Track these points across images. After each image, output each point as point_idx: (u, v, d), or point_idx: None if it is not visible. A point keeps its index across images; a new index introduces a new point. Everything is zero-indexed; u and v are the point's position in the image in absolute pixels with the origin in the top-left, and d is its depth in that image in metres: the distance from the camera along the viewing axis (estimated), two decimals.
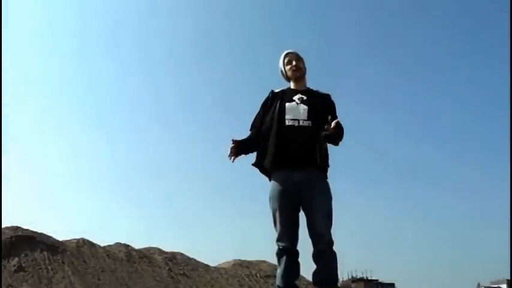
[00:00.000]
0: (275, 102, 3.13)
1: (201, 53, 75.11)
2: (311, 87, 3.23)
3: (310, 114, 3.02)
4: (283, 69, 3.25)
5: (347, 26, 79.99)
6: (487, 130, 76.06)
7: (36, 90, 59.07)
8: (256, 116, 3.23)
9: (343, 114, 3.16)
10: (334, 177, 3.07)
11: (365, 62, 77.52)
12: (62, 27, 64.19)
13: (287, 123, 3.02)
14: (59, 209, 47.25)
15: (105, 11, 67.36)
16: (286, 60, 3.22)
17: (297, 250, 3.05)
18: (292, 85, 3.22)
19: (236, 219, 54.71)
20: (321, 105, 3.07)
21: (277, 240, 3.02)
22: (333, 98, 3.19)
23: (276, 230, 3.02)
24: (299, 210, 3.01)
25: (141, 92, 67.75)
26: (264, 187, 3.14)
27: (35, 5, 60.44)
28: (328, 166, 3.05)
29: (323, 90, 3.24)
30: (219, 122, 66.60)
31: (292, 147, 2.98)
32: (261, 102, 3.24)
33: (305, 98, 3.10)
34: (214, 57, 75.95)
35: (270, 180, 3.09)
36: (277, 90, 3.23)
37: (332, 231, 2.95)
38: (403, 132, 76.62)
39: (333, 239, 2.94)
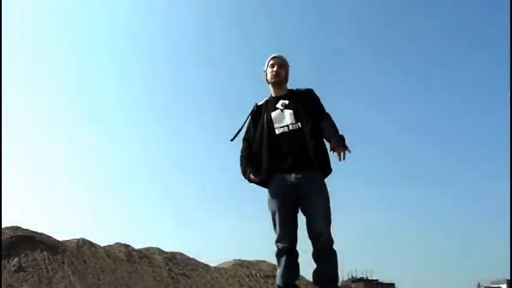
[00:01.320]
0: (262, 114, 3.18)
1: (201, 52, 75.17)
2: (291, 88, 3.26)
3: (297, 117, 3.06)
4: (265, 71, 3.28)
5: (348, 26, 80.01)
6: (487, 130, 76.13)
7: (36, 90, 59.12)
8: (247, 128, 3.24)
9: (343, 115, 3.19)
10: (335, 177, 3.09)
11: (363, 62, 77.59)
12: (62, 27, 64.24)
13: (277, 131, 3.06)
14: (59, 209, 47.24)
15: (105, 10, 67.42)
16: (270, 63, 3.25)
17: (296, 250, 3.07)
18: (272, 92, 3.26)
19: (236, 219, 54.73)
20: (304, 105, 3.10)
21: (277, 241, 3.04)
22: (316, 92, 3.20)
23: (275, 231, 3.04)
24: (297, 211, 3.04)
25: (141, 92, 67.82)
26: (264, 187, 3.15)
27: (35, 5, 60.49)
28: (326, 165, 3.04)
29: (321, 87, 3.26)
30: (219, 122, 66.65)
31: (287, 152, 3.01)
32: (247, 115, 3.25)
33: (287, 102, 3.13)
34: (215, 57, 75.99)
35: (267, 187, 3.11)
36: (260, 103, 3.27)
37: (332, 230, 2.97)
38: (404, 132, 76.67)
39: (333, 237, 2.96)
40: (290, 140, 3.02)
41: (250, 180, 3.09)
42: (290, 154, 3.01)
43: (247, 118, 3.25)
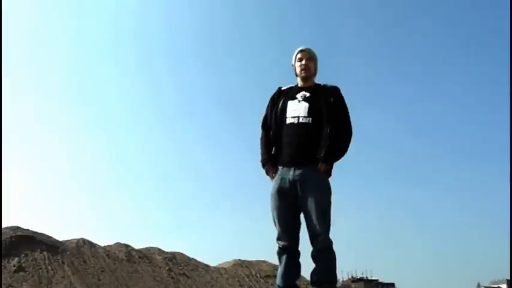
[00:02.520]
0: (280, 99, 3.14)
1: (201, 53, 75.10)
2: (319, 82, 3.21)
3: (311, 111, 3.01)
4: (294, 64, 3.23)
5: (349, 26, 79.94)
6: (487, 130, 76.05)
7: (36, 90, 59.06)
8: (266, 113, 3.21)
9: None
10: (334, 177, 3.05)
11: (365, 61, 77.54)
12: (62, 27, 64.17)
13: (288, 121, 3.03)
14: (59, 209, 47.23)
15: (105, 10, 67.35)
16: (298, 57, 3.20)
17: (298, 250, 3.04)
18: (299, 83, 3.22)
19: (236, 219, 54.69)
20: (325, 101, 3.03)
21: (277, 239, 3.02)
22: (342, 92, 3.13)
23: (276, 229, 3.01)
24: (299, 210, 2.99)
25: (142, 92, 67.79)
26: (264, 187, 3.15)
27: (34, 5, 60.43)
28: (335, 156, 2.99)
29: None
30: (219, 122, 66.67)
31: (291, 144, 2.99)
32: (269, 98, 3.22)
33: (308, 95, 3.09)
34: (215, 57, 75.96)
35: (267, 173, 3.09)
36: (284, 88, 3.22)
37: (331, 230, 2.93)
38: (404, 131, 76.60)
39: (332, 238, 2.92)
40: (296, 132, 2.99)
41: (268, 174, 3.09)
42: (292, 147, 2.98)
43: (269, 102, 3.22)
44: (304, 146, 2.96)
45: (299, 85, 3.20)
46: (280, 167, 3.02)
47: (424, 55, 78.19)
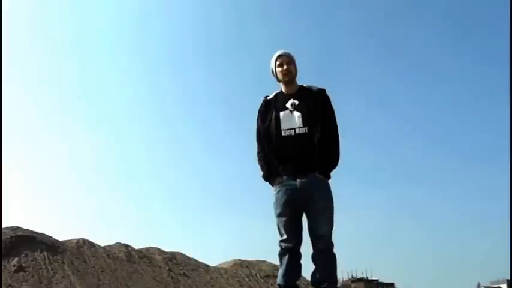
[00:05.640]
0: (270, 110, 3.13)
1: (202, 52, 75.15)
2: (303, 84, 3.20)
3: (305, 120, 3.02)
4: (274, 70, 3.22)
5: (348, 26, 79.99)
6: (487, 130, 76.11)
7: (36, 90, 59.10)
8: (258, 127, 3.20)
9: (342, 115, 3.18)
10: (335, 177, 3.10)
11: (365, 62, 77.57)
12: (63, 27, 64.21)
13: (284, 133, 3.03)
14: (59, 209, 47.31)
15: (106, 10, 67.39)
16: (277, 63, 3.17)
17: (300, 252, 3.09)
18: (283, 88, 3.20)
19: (236, 219, 54.75)
20: (315, 106, 3.05)
21: (281, 242, 3.06)
22: (328, 93, 3.14)
23: (280, 234, 3.06)
24: (302, 214, 3.06)
25: (142, 92, 67.86)
26: (264, 187, 3.17)
27: (34, 5, 60.45)
28: (331, 168, 3.06)
29: (321, 86, 3.18)
30: (219, 122, 66.72)
31: (292, 156, 3.01)
32: (257, 112, 3.21)
33: (297, 103, 3.08)
34: (215, 57, 76.00)
35: (272, 185, 3.12)
36: (269, 97, 3.21)
37: (333, 233, 3.00)
38: (403, 132, 76.66)
39: (333, 240, 2.99)
40: (295, 144, 3.00)
41: (273, 185, 3.11)
42: (294, 158, 3.00)
43: (258, 115, 3.20)
44: (306, 156, 2.99)
45: (284, 91, 3.18)
46: (284, 177, 3.04)
47: (426, 55, 78.24)
